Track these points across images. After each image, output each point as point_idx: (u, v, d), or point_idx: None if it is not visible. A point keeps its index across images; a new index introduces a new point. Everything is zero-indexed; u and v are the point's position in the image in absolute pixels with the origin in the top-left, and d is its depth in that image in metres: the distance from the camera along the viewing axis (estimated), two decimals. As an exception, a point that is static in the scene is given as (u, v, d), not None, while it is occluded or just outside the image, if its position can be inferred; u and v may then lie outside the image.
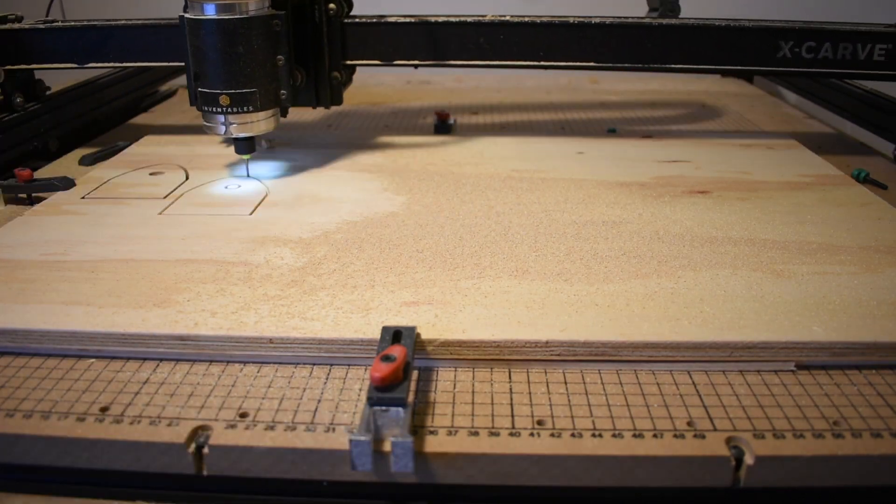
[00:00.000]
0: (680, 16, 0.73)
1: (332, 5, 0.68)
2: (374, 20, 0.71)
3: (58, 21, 0.75)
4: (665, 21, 0.70)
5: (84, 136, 0.86)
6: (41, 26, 0.74)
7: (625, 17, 0.70)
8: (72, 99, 0.86)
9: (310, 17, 0.68)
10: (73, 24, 0.74)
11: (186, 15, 0.60)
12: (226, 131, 0.63)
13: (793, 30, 0.69)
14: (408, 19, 0.71)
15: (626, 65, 0.71)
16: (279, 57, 0.64)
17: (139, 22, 0.73)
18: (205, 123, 0.64)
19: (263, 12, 0.61)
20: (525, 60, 0.71)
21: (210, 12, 0.60)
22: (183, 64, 0.72)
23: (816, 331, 0.40)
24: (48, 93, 0.83)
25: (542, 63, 0.71)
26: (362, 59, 0.72)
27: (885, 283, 0.46)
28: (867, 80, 0.80)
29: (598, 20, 0.70)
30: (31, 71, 0.78)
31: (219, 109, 0.62)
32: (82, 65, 0.75)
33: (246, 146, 0.65)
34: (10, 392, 0.38)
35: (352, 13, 0.71)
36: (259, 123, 0.64)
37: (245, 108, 0.62)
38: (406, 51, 0.71)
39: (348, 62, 0.72)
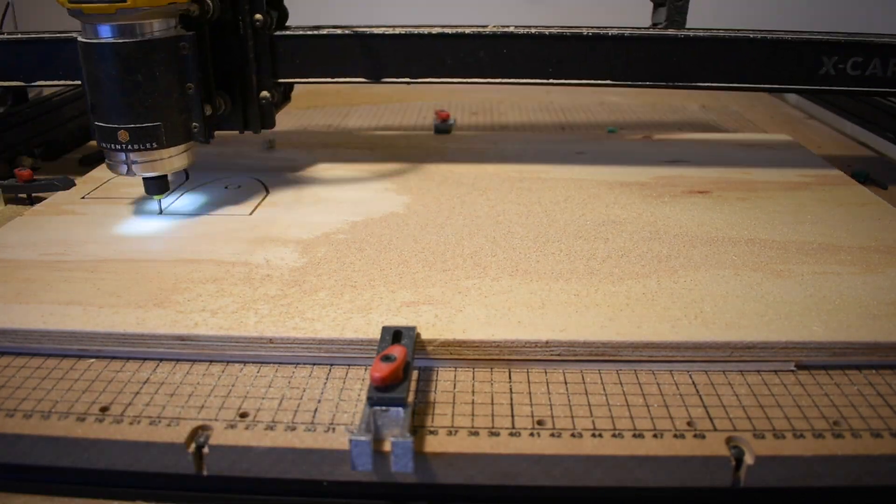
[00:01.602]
0: (701, 27, 0.64)
1: (258, 16, 0.59)
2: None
3: (3, 33, 0.67)
4: (692, 33, 0.61)
5: (71, 142, 0.84)
6: None
7: (645, 29, 0.62)
8: (59, 104, 0.84)
9: (233, 31, 0.59)
10: (18, 36, 0.65)
11: (79, 38, 0.52)
12: (128, 171, 0.54)
13: (837, 43, 0.60)
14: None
15: (648, 83, 0.63)
16: (189, 85, 0.55)
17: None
18: (106, 161, 0.56)
19: (168, 34, 0.53)
20: (531, 77, 0.62)
21: (105, 35, 0.51)
22: None
23: (816, 331, 0.40)
24: (38, 97, 0.81)
25: (552, 81, 0.62)
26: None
27: (885, 283, 0.46)
28: None
29: (615, 32, 0.61)
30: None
31: (118, 146, 0.53)
32: (29, 82, 0.66)
33: (157, 186, 0.56)
34: (10, 392, 0.38)
35: (287, 24, 0.63)
36: (169, 160, 0.55)
37: (148, 145, 0.53)
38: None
39: (280, 80, 0.63)
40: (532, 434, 0.35)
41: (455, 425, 0.36)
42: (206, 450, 0.35)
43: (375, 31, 0.62)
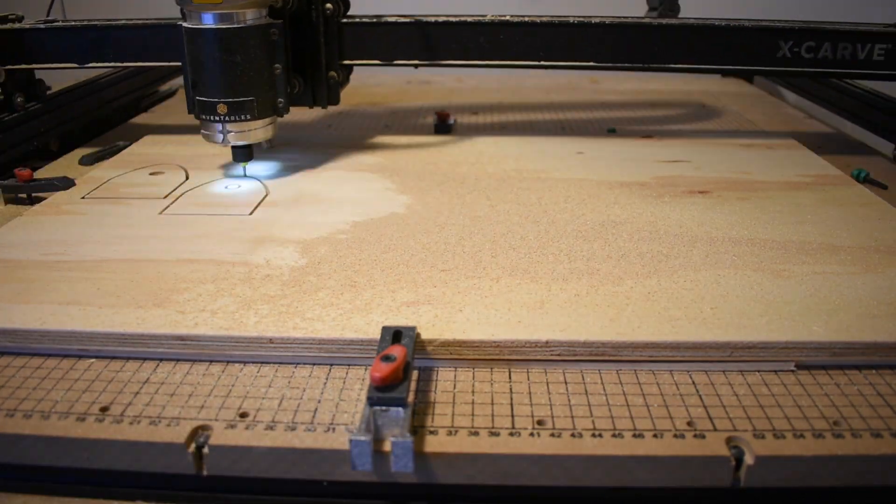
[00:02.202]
0: (680, 15, 0.73)
1: (328, 5, 0.68)
2: (372, 20, 0.71)
3: (58, 21, 0.75)
4: (665, 21, 0.70)
5: (84, 136, 0.86)
6: (41, 26, 0.74)
7: (624, 17, 0.70)
8: (72, 99, 0.86)
9: (307, 20, 0.68)
10: (73, 23, 0.74)
11: (184, 24, 0.61)
12: (223, 139, 0.63)
13: (792, 30, 0.69)
14: (404, 19, 0.71)
15: (626, 64, 0.71)
16: (276, 66, 0.64)
17: (139, 22, 0.73)
18: (203, 132, 0.64)
19: (261, 22, 0.61)
20: (525, 60, 0.71)
21: (208, 22, 0.60)
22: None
23: (816, 331, 0.40)
24: (49, 93, 0.83)
25: (543, 63, 0.71)
26: (359, 59, 0.72)
27: (885, 283, 0.46)
28: (867, 80, 0.80)
29: (597, 20, 0.70)
30: (32, 71, 0.78)
31: (216, 118, 0.62)
32: (83, 65, 0.75)
33: (244, 154, 0.65)
34: (10, 392, 0.38)
35: (349, 13, 0.71)
36: (257, 132, 0.64)
37: (243, 117, 0.62)
38: (404, 51, 0.72)
39: (345, 62, 0.72)
40: (532, 434, 0.35)
41: (455, 425, 0.36)
42: (206, 450, 0.35)
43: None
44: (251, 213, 0.58)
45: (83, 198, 0.62)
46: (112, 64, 0.76)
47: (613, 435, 0.35)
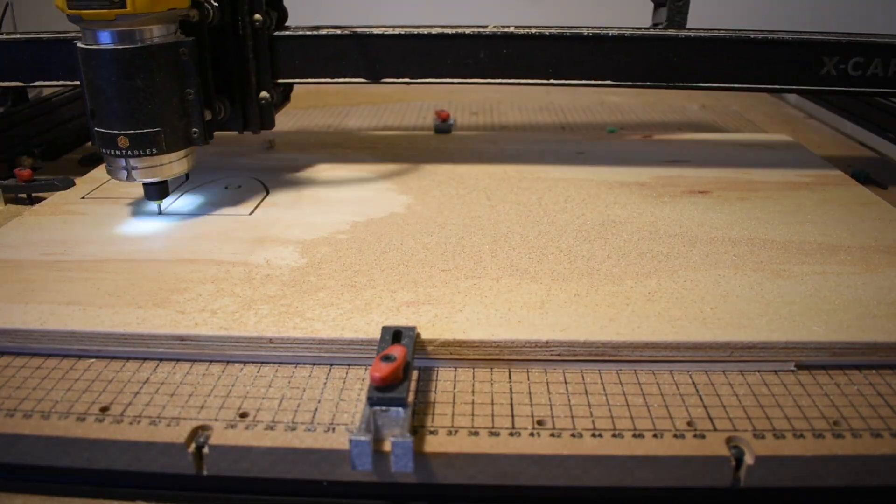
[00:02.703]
0: (702, 26, 0.64)
1: (257, 16, 0.59)
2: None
3: (2, 33, 0.67)
4: (693, 34, 0.61)
5: (72, 142, 0.83)
6: None
7: (645, 29, 0.62)
8: (58, 104, 0.84)
9: (232, 34, 0.59)
10: (17, 36, 0.65)
11: (78, 44, 0.52)
12: (128, 176, 0.55)
13: (838, 43, 0.60)
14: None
15: (648, 83, 0.63)
16: (188, 90, 0.55)
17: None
18: (106, 167, 0.56)
19: (167, 39, 0.53)
20: (531, 78, 0.63)
21: (104, 41, 0.51)
22: None
23: (816, 331, 0.40)
24: (38, 97, 0.81)
25: (552, 81, 0.62)
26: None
27: (885, 283, 0.46)
28: None
29: (615, 32, 0.61)
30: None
31: (118, 152, 0.53)
32: (28, 83, 0.66)
33: (156, 191, 0.57)
34: (10, 392, 0.38)
35: (286, 24, 0.63)
36: (168, 166, 0.55)
37: (148, 151, 0.53)
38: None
39: (280, 80, 0.63)
40: (532, 434, 0.35)
41: (455, 425, 0.36)
42: (206, 450, 0.35)
43: (374, 31, 0.62)
44: (251, 213, 0.58)
45: (83, 198, 0.62)
46: (60, 83, 0.68)
47: (613, 435, 0.35)
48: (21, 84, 0.66)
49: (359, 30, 0.62)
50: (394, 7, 0.75)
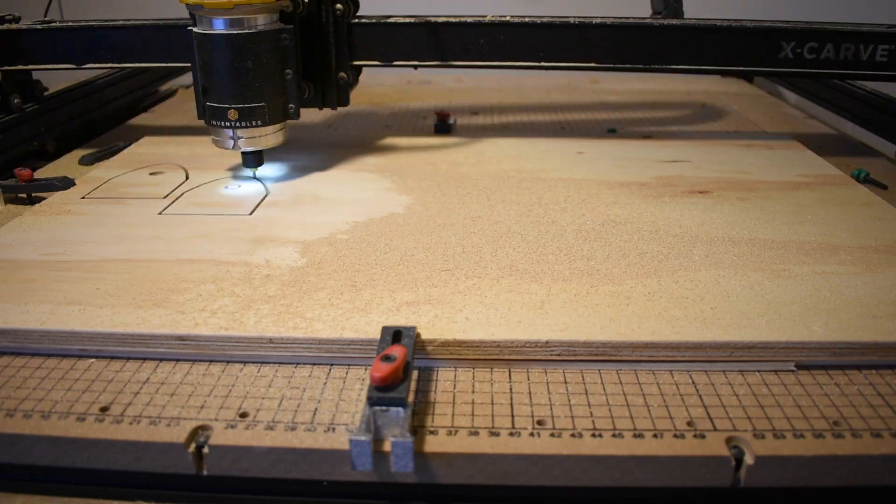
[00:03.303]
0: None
1: (338, 6, 0.68)
2: (380, 20, 0.70)
3: (55, 21, 0.75)
4: (666, 21, 0.70)
5: (83, 136, 0.86)
6: (38, 27, 0.73)
7: (625, 18, 0.70)
8: (70, 100, 0.86)
9: (317, 22, 0.67)
10: (70, 24, 0.74)
11: (194, 29, 0.60)
12: (234, 145, 0.63)
13: (795, 30, 0.68)
14: (410, 19, 0.70)
15: (627, 65, 0.71)
16: (287, 71, 0.63)
17: (137, 22, 0.73)
18: (213, 137, 0.64)
19: (272, 27, 0.61)
20: (525, 61, 0.71)
21: (219, 27, 0.59)
22: (182, 64, 0.73)
23: (816, 331, 0.40)
24: (46, 94, 0.83)
25: (543, 64, 0.71)
26: (369, 60, 0.71)
27: (885, 283, 0.46)
28: (869, 81, 0.80)
29: (598, 20, 0.69)
30: (29, 72, 0.78)
31: (227, 124, 0.62)
32: (80, 65, 0.75)
33: (254, 159, 0.65)
34: (10, 392, 0.38)
35: (358, 13, 0.70)
36: (267, 137, 0.64)
37: (253, 123, 0.62)
38: (409, 51, 0.71)
39: (355, 62, 0.71)
40: (532, 434, 0.35)
41: (455, 425, 0.36)
42: (206, 450, 0.35)
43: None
44: (251, 213, 0.58)
45: (83, 198, 0.62)
46: (109, 65, 0.76)
47: (613, 435, 0.35)
48: (73, 67, 0.74)
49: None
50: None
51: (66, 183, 0.64)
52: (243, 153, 0.64)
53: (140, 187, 0.64)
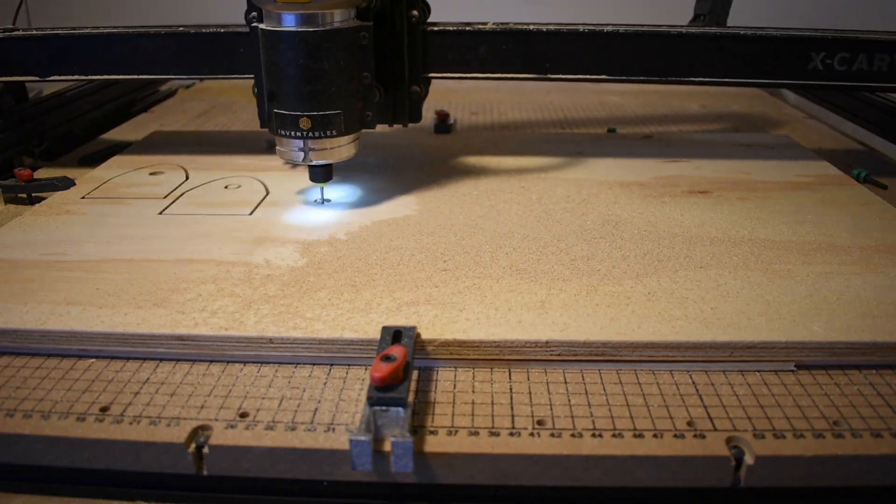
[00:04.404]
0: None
1: (414, 11, 0.60)
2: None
3: (19, 30, 0.68)
4: (684, 29, 0.63)
5: (72, 142, 0.83)
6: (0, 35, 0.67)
7: (640, 25, 0.63)
8: (59, 104, 0.84)
9: (389, 26, 0.60)
10: (33, 32, 0.66)
11: (261, 26, 0.53)
12: (305, 158, 0.55)
13: (825, 39, 0.62)
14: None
15: (642, 78, 0.64)
16: (365, 74, 0.56)
17: (107, 31, 0.66)
18: (279, 149, 0.57)
19: (350, 24, 0.54)
20: (529, 73, 0.64)
21: (290, 24, 0.52)
22: (154, 76, 0.67)
23: (816, 331, 0.40)
24: (41, 96, 0.81)
25: (549, 76, 0.64)
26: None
27: (885, 283, 0.46)
28: None
29: (610, 28, 0.63)
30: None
31: (298, 134, 0.54)
32: (44, 77, 0.68)
33: (323, 174, 0.58)
34: (10, 392, 0.38)
35: (429, 20, 0.63)
36: (341, 149, 0.56)
37: (328, 133, 0.55)
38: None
39: (431, 75, 0.64)
40: (532, 434, 0.35)
41: (455, 425, 0.36)
42: (206, 450, 0.35)
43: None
44: (251, 213, 0.58)
45: (83, 198, 0.62)
46: (76, 77, 0.69)
47: (613, 435, 0.35)
48: (37, 79, 0.68)
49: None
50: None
51: (66, 183, 0.64)
52: (311, 166, 0.57)
53: (140, 187, 0.64)
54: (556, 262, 0.49)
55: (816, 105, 0.98)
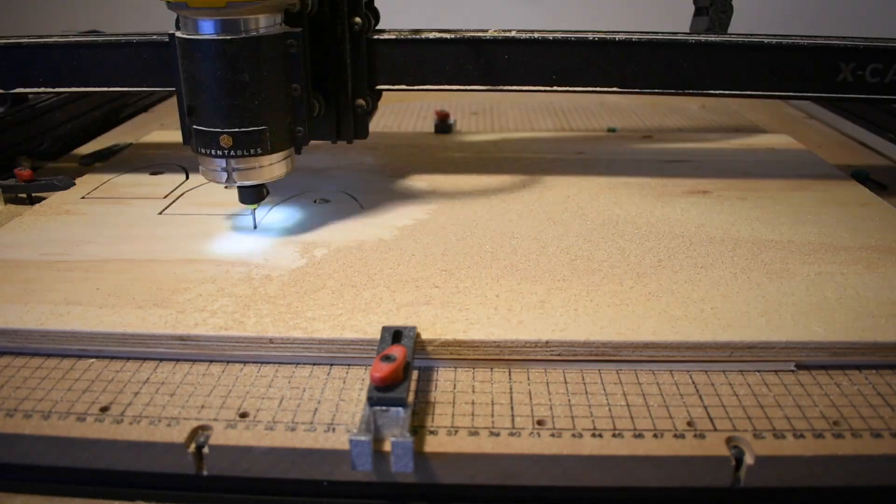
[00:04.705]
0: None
1: (357, 19, 0.55)
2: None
3: None
4: (704, 38, 0.58)
5: (73, 142, 0.83)
6: None
7: (654, 33, 0.59)
8: (59, 104, 0.83)
9: (329, 33, 0.55)
10: None
11: (178, 34, 0.49)
12: (228, 178, 0.51)
13: (856, 49, 0.57)
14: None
15: (657, 90, 0.60)
16: (294, 85, 0.51)
17: (74, 39, 0.61)
18: (201, 168, 0.52)
19: (275, 30, 0.49)
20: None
21: (207, 31, 0.47)
22: (127, 88, 0.62)
23: (816, 331, 0.40)
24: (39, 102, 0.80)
25: (556, 88, 0.60)
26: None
27: (885, 283, 0.46)
28: None
29: (622, 37, 0.58)
30: None
31: (219, 153, 0.49)
32: (8, 89, 0.63)
33: (253, 195, 0.53)
34: (10, 392, 0.38)
35: (377, 27, 0.59)
36: (270, 168, 0.51)
37: (252, 151, 0.50)
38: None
39: (378, 87, 0.59)
40: (532, 434, 0.35)
41: (455, 425, 0.36)
42: (206, 450, 0.35)
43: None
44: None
45: (83, 198, 0.62)
46: (42, 89, 0.64)
47: (613, 435, 0.35)
48: (1, 91, 0.63)
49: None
50: (387, 8, 0.72)
51: (66, 183, 0.64)
52: (239, 188, 0.52)
53: (140, 187, 0.64)
54: (556, 262, 0.49)
55: (816, 105, 0.98)
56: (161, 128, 0.88)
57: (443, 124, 0.84)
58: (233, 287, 0.46)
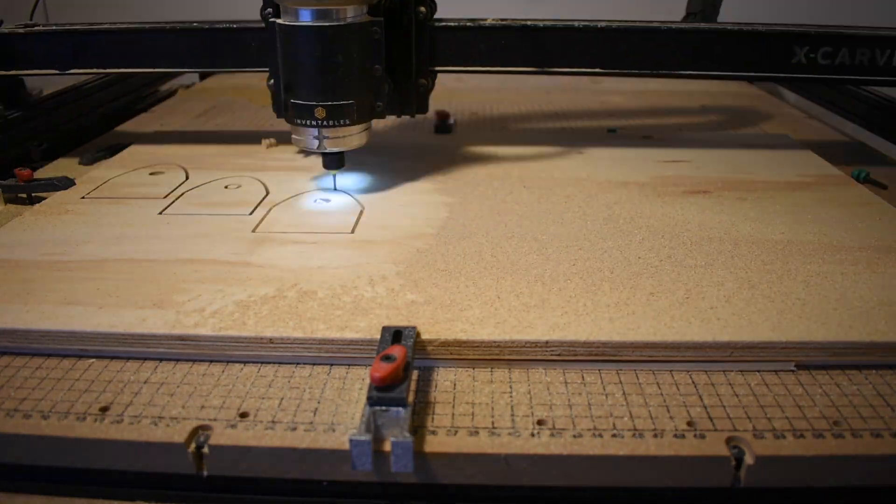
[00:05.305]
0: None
1: (422, 8, 0.64)
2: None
3: (39, 25, 0.71)
4: (674, 25, 0.67)
5: (73, 141, 0.83)
6: (21, 30, 0.70)
7: (632, 21, 0.67)
8: (61, 104, 0.84)
9: (398, 22, 0.63)
10: (53, 28, 0.70)
11: (279, 21, 0.57)
12: (319, 145, 0.59)
13: (808, 34, 0.65)
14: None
15: (634, 71, 0.68)
16: (376, 66, 0.60)
17: (123, 26, 0.69)
18: (294, 137, 0.61)
19: (362, 19, 0.58)
20: (528, 66, 0.67)
21: (306, 19, 0.56)
22: (168, 69, 0.71)
23: (816, 331, 0.40)
24: (41, 96, 0.81)
25: (546, 69, 0.67)
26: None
27: (885, 283, 0.46)
28: (885, 87, 0.77)
29: (603, 24, 0.66)
30: (13, 77, 0.75)
31: (313, 123, 0.58)
32: (64, 71, 0.70)
33: (336, 161, 0.61)
34: (10, 392, 0.38)
35: (435, 16, 0.66)
36: (353, 137, 0.60)
37: (341, 122, 0.58)
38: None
39: (436, 68, 0.67)
40: (532, 434, 0.35)
41: (455, 425, 0.36)
42: (206, 450, 0.35)
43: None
44: (251, 213, 0.58)
45: (83, 198, 0.62)
46: (94, 70, 0.72)
47: (613, 435, 0.35)
48: (57, 73, 0.71)
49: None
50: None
51: (66, 183, 0.64)
52: (324, 154, 0.61)
53: (140, 187, 0.64)
54: (557, 261, 0.49)
55: (816, 105, 0.98)
56: (161, 127, 0.88)
57: (443, 124, 0.84)
58: (233, 287, 0.46)
